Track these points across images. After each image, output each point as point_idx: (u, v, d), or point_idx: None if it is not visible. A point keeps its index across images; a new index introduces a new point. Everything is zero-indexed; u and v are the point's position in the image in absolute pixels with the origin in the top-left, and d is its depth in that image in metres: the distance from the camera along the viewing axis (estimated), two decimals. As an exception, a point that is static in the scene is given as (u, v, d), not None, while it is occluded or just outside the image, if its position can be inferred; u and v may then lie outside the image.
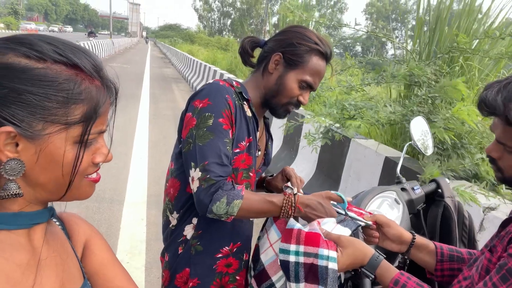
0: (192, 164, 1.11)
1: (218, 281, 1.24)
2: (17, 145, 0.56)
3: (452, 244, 1.47)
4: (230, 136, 1.15)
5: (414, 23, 3.86)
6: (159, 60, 28.56)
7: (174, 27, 77.11)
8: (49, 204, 0.68)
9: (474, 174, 2.52)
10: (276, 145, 4.97)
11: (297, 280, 0.99)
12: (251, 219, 1.34)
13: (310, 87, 1.23)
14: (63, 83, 0.57)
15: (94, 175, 0.66)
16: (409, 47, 4.07)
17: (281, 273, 1.13)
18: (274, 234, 1.22)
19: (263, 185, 1.45)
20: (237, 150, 1.18)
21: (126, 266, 2.76)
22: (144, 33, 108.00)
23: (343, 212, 1.19)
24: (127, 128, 6.62)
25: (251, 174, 1.23)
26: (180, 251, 1.25)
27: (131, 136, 6.18)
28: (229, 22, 69.35)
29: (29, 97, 0.55)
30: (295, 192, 1.19)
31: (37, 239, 0.64)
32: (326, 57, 1.23)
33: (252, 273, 1.25)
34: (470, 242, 1.51)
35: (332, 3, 66.11)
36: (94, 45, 20.65)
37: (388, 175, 2.78)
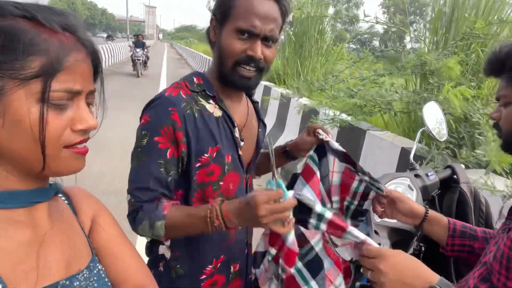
0: (128, 185, 1.04)
1: None
2: None
3: (468, 231, 1.45)
4: (168, 156, 1.01)
5: (432, 15, 3.79)
6: (176, 61, 28.82)
7: (190, 28, 77.71)
8: (51, 180, 0.66)
9: (487, 164, 2.46)
10: (294, 136, 4.97)
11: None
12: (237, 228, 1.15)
13: (253, 34, 1.00)
14: (18, 34, 0.55)
15: (79, 146, 0.61)
16: (426, 40, 4.00)
17: (318, 236, 1.07)
18: (307, 193, 1.11)
19: (286, 154, 1.27)
20: (198, 165, 1.04)
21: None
22: (161, 35, 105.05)
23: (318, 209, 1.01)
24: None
25: (221, 183, 1.08)
26: (160, 269, 1.13)
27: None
28: (244, 21, 69.23)
29: None
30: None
31: (39, 217, 0.63)
32: None
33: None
34: (488, 228, 1.48)
35: (347, -3, 65.41)
36: (112, 48, 21.00)
37: (405, 167, 2.74)
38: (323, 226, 1.00)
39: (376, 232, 1.29)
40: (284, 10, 1.05)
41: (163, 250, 1.12)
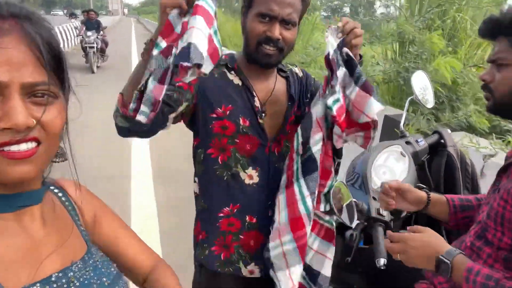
0: None
1: (222, 239, 1.28)
2: None
3: (456, 191, 1.56)
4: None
5: None
6: (145, 37, 27.15)
7: (157, 2, 74.82)
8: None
9: (468, 126, 2.61)
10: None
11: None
12: (250, 183, 1.27)
13: (271, 17, 1.14)
14: None
15: (12, 149, 0.53)
16: (397, 4, 4.05)
17: (319, 136, 1.14)
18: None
19: None
20: (214, 116, 1.22)
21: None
22: (126, 10, 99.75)
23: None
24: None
25: (237, 140, 1.23)
26: (195, 206, 1.36)
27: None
28: (212, -8, 67.35)
29: None
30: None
31: (31, 220, 0.62)
32: None
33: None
34: (474, 188, 1.59)
35: (316, -36, 64.30)
36: (76, 27, 20.04)
37: (389, 133, 2.84)
38: (188, 15, 0.93)
39: (374, 199, 1.37)
40: None
41: (195, 187, 1.34)
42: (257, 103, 1.26)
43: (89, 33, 10.31)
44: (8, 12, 0.55)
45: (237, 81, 1.25)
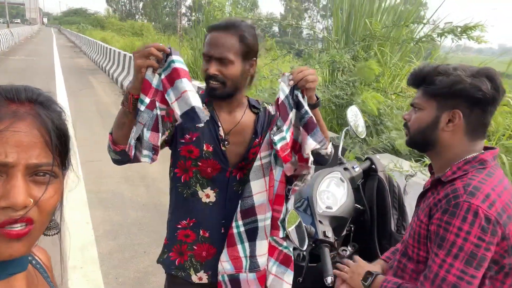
0: None
1: (178, 247, 1.47)
2: None
3: (386, 209, 1.78)
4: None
5: (325, 2, 4.19)
6: (68, 49, 26.42)
7: (80, 11, 71.37)
8: None
9: (392, 148, 2.94)
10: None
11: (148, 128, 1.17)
12: (206, 202, 1.44)
13: (209, 56, 1.33)
14: None
15: (7, 228, 0.55)
16: (321, 27, 4.41)
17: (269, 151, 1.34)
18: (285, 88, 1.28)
19: None
20: (182, 141, 1.40)
21: (81, 272, 2.74)
22: (45, 20, 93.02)
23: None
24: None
25: (199, 163, 1.39)
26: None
27: (56, 136, 5.82)
28: (141, 5, 66.09)
29: None
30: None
31: (18, 286, 0.63)
32: (212, 28, 1.37)
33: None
34: (400, 206, 1.83)
35: (245, -16, 66.19)
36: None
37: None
38: (165, 73, 1.13)
39: (320, 222, 1.52)
40: (240, 36, 1.33)
41: (169, 199, 1.51)
42: (221, 132, 1.41)
43: None
44: (26, 98, 0.59)
45: (206, 112, 1.40)
